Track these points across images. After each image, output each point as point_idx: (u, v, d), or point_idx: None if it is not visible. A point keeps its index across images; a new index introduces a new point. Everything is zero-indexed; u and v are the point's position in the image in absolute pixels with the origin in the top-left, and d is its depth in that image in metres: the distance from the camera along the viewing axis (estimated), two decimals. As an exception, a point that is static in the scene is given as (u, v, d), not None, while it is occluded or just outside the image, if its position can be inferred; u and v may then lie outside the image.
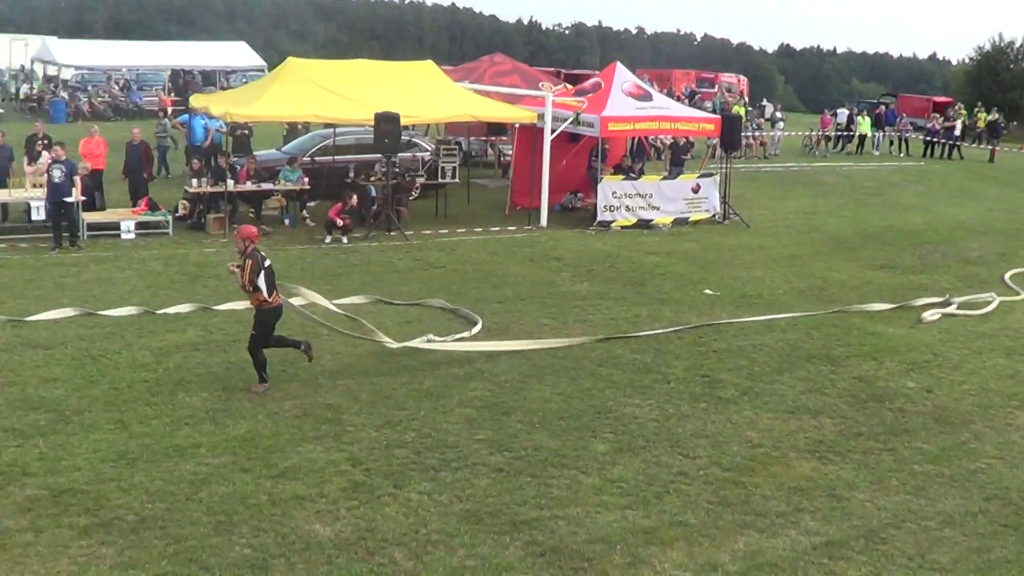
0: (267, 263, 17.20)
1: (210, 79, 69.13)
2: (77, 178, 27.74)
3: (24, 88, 70.16)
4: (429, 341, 19.71)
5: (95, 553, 12.16)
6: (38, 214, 29.03)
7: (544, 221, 32.43)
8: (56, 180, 27.27)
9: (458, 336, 20.46)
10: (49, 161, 28.42)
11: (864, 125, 58.20)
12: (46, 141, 31.87)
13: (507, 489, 13.99)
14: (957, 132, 59.23)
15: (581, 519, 13.18)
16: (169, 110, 48.35)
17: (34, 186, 29.63)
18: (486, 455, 15.07)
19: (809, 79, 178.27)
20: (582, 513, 13.35)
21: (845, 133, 58.72)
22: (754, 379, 18.78)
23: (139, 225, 29.58)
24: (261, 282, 16.98)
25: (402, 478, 14.22)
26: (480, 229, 31.64)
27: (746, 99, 73.40)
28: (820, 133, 58.94)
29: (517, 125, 34.43)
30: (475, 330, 20.92)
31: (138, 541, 12.42)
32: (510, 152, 38.41)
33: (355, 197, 29.98)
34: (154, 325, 20.88)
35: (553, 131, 32.56)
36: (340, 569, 11.83)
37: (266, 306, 17.20)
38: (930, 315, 23.63)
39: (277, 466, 14.51)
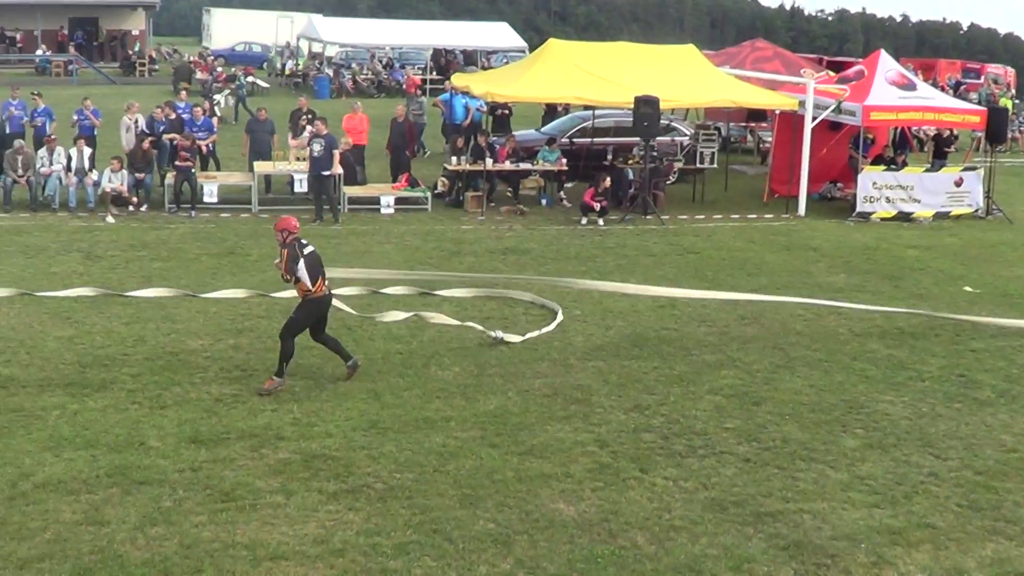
0: (308, 251, 16.77)
1: (471, 59, 69.91)
2: (336, 152, 28.38)
3: (289, 64, 72.01)
4: (496, 339, 18.96)
5: (342, 518, 12.46)
6: (300, 186, 29.89)
7: (802, 210, 31.95)
8: (316, 154, 28.05)
9: (535, 334, 19.45)
10: (311, 135, 29.18)
11: None
12: (310, 116, 32.69)
13: (753, 480, 13.85)
14: None
15: (827, 514, 12.96)
16: (427, 88, 49.08)
17: (297, 159, 30.45)
18: (734, 444, 14.94)
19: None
20: (828, 508, 13.12)
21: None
22: (1011, 381, 18.14)
23: (398, 200, 30.18)
24: (302, 271, 16.56)
25: (648, 462, 14.20)
26: (737, 216, 31.36)
27: (1013, 91, 71.19)
28: (1090, 129, 56.72)
29: (777, 112, 34.04)
30: (555, 324, 20.01)
31: (384, 509, 12.69)
32: (769, 139, 38.01)
33: (607, 179, 29.94)
34: (409, 299, 21.25)
35: (814, 119, 32.06)
36: (582, 549, 11.86)
37: (311, 296, 16.75)
38: None
39: (525, 443, 14.65)
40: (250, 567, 11.34)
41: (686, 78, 32.21)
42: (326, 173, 28.18)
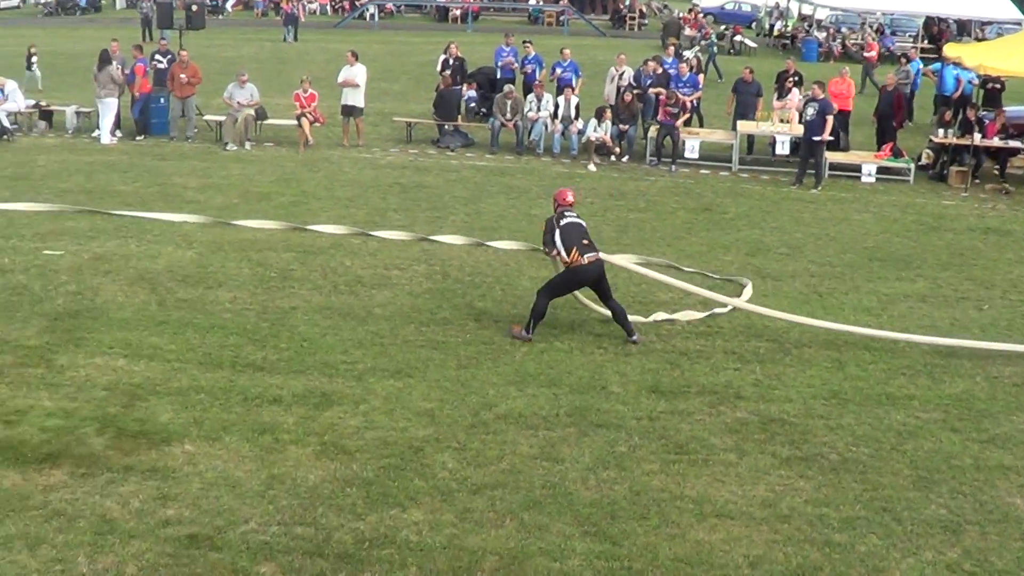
0: (564, 222, 16.62)
1: (964, 29, 67.72)
2: (829, 118, 28.07)
3: (778, 25, 71.73)
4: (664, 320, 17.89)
5: (792, 485, 12.49)
6: (782, 148, 29.86)
7: None
8: (809, 118, 27.85)
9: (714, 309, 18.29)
10: (805, 99, 29.04)
11: None
12: (796, 78, 32.60)
13: None
14: None
15: None
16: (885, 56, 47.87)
17: (781, 121, 30.38)
18: None
19: None
20: None
21: None
22: None
23: (880, 170, 29.62)
24: (557, 242, 16.53)
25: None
26: None
27: None
28: None
29: None
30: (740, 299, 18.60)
31: (836, 480, 12.64)
32: None
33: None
34: (884, 271, 20.92)
35: None
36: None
37: (569, 265, 16.52)
38: None
39: (987, 431, 14.19)
40: (695, 520, 11.56)
41: None
42: (817, 138, 27.93)
